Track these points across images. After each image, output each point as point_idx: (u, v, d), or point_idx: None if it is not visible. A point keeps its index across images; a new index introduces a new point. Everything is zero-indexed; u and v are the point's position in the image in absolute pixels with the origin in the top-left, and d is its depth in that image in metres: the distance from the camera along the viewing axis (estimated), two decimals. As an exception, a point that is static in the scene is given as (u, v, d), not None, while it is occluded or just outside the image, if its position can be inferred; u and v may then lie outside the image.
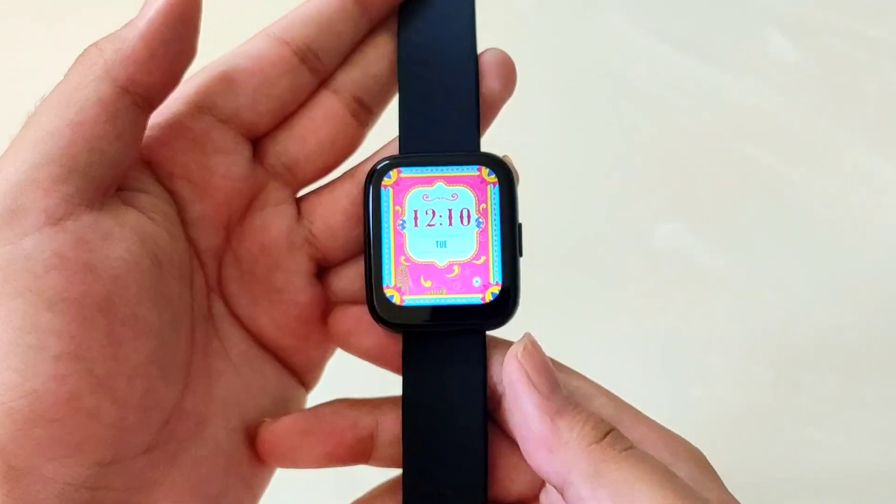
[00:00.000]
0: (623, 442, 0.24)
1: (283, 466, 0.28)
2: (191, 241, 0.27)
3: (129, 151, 0.25)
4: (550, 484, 0.25)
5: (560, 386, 0.25)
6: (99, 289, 0.23)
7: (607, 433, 0.24)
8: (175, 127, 0.27)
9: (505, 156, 0.28)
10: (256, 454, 0.28)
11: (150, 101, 0.25)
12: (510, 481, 0.27)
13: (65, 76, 0.25)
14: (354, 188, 0.28)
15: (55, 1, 0.54)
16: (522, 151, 0.49)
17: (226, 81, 0.27)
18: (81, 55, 0.25)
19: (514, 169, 0.28)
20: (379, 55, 0.29)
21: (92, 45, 0.25)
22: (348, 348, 0.28)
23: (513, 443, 0.26)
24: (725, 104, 0.52)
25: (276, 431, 0.27)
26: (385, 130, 0.30)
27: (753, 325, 0.48)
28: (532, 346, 0.25)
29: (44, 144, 0.23)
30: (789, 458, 0.45)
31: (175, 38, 0.24)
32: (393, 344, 0.28)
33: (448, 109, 0.28)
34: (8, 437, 0.22)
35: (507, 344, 0.27)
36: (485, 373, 0.27)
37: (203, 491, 0.26)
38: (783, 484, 0.44)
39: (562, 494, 0.24)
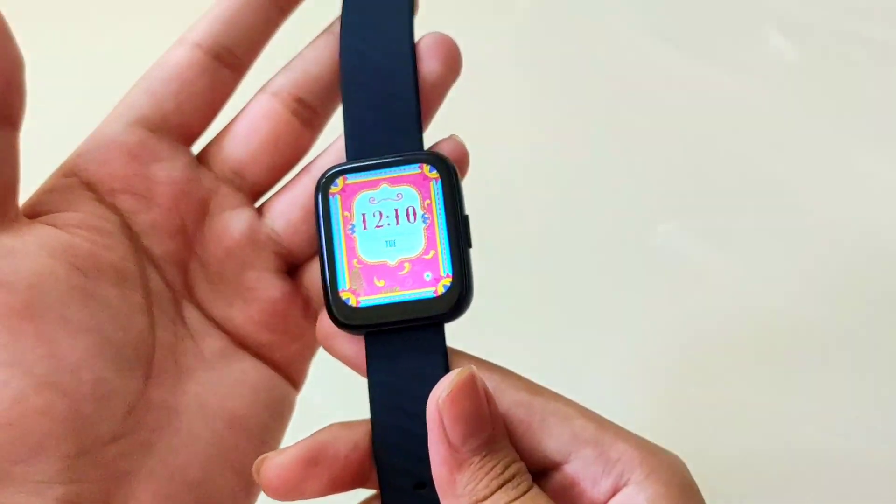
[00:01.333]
0: (510, 494, 0.24)
1: (287, 500, 0.27)
2: (144, 251, 0.28)
3: (1, 169, 0.26)
4: None
5: (483, 428, 0.24)
6: (16, 299, 0.25)
7: (501, 486, 0.24)
8: (110, 146, 0.28)
9: (452, 136, 0.29)
10: (247, 448, 0.28)
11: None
12: None
13: None
14: (311, 182, 0.29)
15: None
16: (522, 151, 0.49)
17: (148, 93, 0.29)
18: None
19: (465, 149, 0.29)
20: (319, 57, 0.30)
21: None
22: (332, 353, 0.28)
23: None
24: (725, 103, 0.52)
25: (284, 464, 0.26)
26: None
27: (752, 325, 0.48)
28: (460, 390, 0.24)
29: None
30: (789, 458, 0.45)
31: None
32: None
33: (389, 114, 0.28)
34: None
35: (467, 358, 0.27)
36: (446, 363, 0.27)
37: (182, 476, 0.27)
38: (782, 484, 0.44)
39: None
